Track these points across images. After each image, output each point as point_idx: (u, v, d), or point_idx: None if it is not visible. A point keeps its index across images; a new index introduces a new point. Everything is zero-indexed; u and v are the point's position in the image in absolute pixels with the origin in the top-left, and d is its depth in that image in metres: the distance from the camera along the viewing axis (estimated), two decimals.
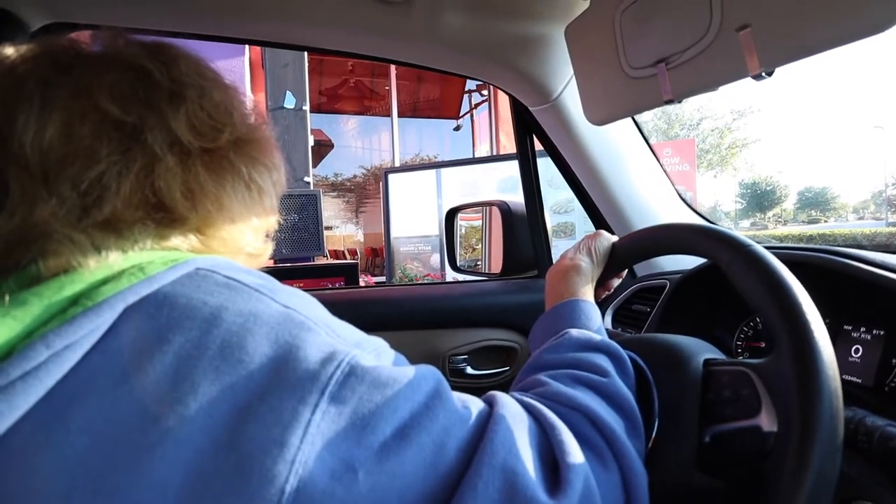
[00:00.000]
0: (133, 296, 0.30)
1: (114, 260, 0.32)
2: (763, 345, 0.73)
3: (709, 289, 0.78)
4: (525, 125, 1.09)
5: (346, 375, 0.31)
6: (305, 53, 5.44)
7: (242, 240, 0.42)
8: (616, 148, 1.01)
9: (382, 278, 6.09)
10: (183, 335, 0.29)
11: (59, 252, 0.31)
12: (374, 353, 0.34)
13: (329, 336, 0.32)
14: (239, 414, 0.28)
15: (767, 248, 0.47)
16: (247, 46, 5.06)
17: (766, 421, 0.41)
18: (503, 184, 4.15)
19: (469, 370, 1.12)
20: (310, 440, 0.28)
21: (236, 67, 5.15)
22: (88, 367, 0.28)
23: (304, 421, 0.28)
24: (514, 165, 3.99)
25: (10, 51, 0.36)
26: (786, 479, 0.36)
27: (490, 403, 0.38)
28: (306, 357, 0.30)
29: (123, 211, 0.34)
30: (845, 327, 0.62)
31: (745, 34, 0.50)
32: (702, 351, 0.51)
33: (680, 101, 0.62)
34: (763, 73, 0.50)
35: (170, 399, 0.27)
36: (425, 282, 4.28)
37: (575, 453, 0.36)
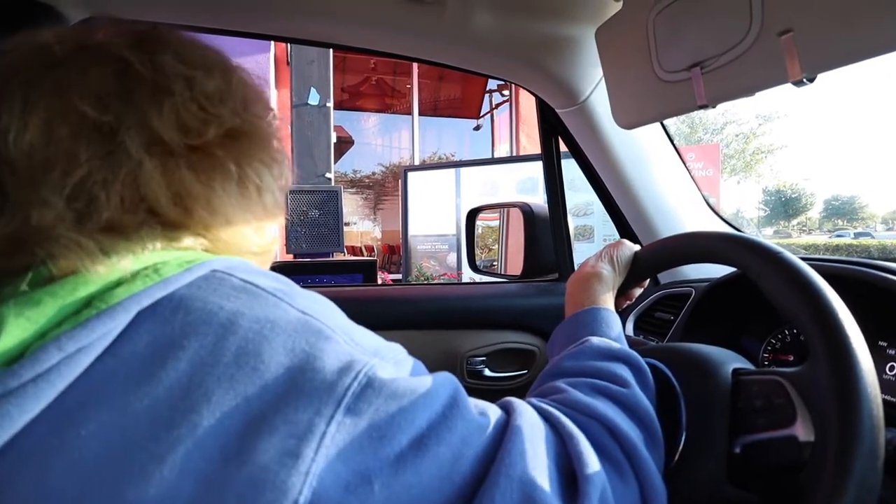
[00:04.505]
0: (147, 298, 0.29)
1: (125, 265, 0.31)
2: (791, 358, 0.71)
3: (736, 298, 0.77)
4: (551, 127, 1.08)
5: (363, 387, 0.30)
6: (331, 51, 5.48)
7: (245, 242, 0.40)
8: (644, 152, 0.99)
9: (399, 276, 6.11)
10: (198, 341, 0.28)
11: (68, 256, 0.30)
12: (392, 361, 0.33)
13: (347, 344, 0.32)
14: (253, 424, 0.27)
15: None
16: (272, 43, 5.12)
17: (803, 431, 0.40)
18: (522, 185, 4.12)
19: (487, 372, 1.12)
20: (324, 452, 0.28)
21: (261, 64, 5.22)
22: (101, 372, 0.27)
23: (318, 433, 0.28)
24: (533, 167, 3.99)
25: (9, 43, 0.35)
26: (826, 490, 0.35)
27: (507, 411, 0.38)
28: (323, 367, 0.30)
29: (122, 217, 0.32)
30: (880, 343, 0.60)
31: (787, 39, 0.49)
32: (730, 360, 0.50)
33: (714, 107, 0.61)
34: (804, 79, 0.49)
35: (182, 407, 0.27)
36: (443, 281, 4.27)
37: (593, 464, 0.36)
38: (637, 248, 0.65)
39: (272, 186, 0.41)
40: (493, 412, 0.37)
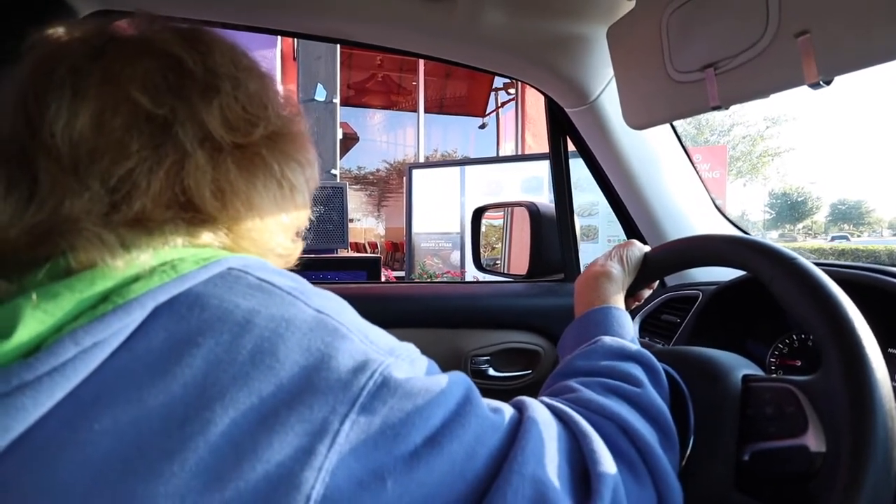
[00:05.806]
0: (164, 294, 0.30)
1: (144, 261, 0.31)
2: (799, 363, 0.70)
3: (743, 302, 0.76)
4: (560, 126, 1.07)
5: (378, 386, 0.30)
6: (338, 47, 5.47)
7: (273, 240, 0.41)
8: (653, 153, 0.99)
9: (402, 273, 6.11)
10: (213, 338, 0.29)
11: (89, 249, 0.30)
12: (407, 360, 0.34)
13: (362, 343, 0.32)
14: (267, 422, 0.27)
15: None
16: (278, 38, 5.12)
17: (814, 441, 0.39)
18: (527, 184, 4.11)
19: (491, 371, 1.12)
20: (337, 449, 0.28)
21: (268, 58, 5.22)
22: (116, 367, 0.27)
23: (332, 431, 0.28)
24: (538, 166, 3.97)
25: (45, 35, 0.36)
26: (837, 501, 0.35)
27: (520, 409, 0.38)
28: (338, 366, 0.30)
29: (153, 210, 0.33)
30: (890, 350, 0.59)
31: (804, 40, 0.48)
32: (740, 366, 0.49)
33: (727, 108, 0.60)
34: (821, 82, 0.48)
35: (197, 404, 0.27)
36: (447, 280, 4.27)
37: (606, 463, 0.36)
38: (647, 248, 0.65)
39: (304, 188, 0.43)
40: (506, 410, 0.37)
